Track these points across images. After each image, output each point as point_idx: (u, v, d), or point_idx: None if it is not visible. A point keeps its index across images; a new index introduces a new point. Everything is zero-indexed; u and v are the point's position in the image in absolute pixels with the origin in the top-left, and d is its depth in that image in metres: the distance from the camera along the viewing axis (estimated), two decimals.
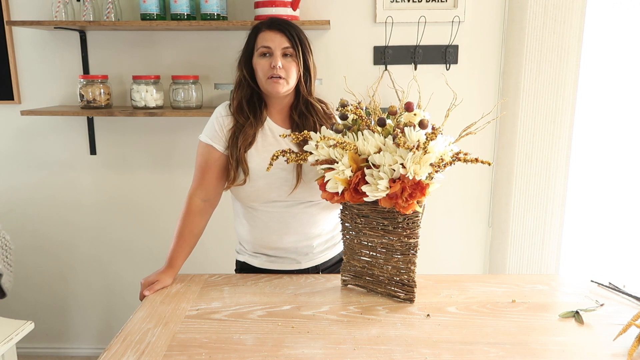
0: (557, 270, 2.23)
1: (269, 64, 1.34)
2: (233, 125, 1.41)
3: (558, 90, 2.06)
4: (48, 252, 2.40)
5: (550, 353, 1.03)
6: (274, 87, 1.35)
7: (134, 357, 1.01)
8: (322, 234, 1.48)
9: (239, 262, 1.56)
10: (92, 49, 2.17)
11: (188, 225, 1.45)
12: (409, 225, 1.20)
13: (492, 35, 2.13)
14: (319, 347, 1.05)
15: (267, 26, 1.38)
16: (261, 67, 1.36)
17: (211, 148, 1.41)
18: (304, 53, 1.38)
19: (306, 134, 1.23)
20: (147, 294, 1.33)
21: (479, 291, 1.31)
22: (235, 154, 1.37)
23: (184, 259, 1.44)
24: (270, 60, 1.35)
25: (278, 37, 1.35)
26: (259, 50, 1.37)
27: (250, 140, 1.38)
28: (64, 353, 2.50)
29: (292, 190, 1.38)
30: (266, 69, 1.35)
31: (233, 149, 1.38)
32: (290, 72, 1.36)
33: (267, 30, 1.37)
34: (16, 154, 2.30)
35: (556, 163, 2.12)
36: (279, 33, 1.36)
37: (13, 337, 1.61)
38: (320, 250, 1.50)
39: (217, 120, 1.42)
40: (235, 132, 1.39)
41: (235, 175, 1.38)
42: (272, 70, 1.34)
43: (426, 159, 1.12)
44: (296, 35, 1.37)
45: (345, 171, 1.17)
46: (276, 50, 1.35)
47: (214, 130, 1.42)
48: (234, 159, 1.37)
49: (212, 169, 1.42)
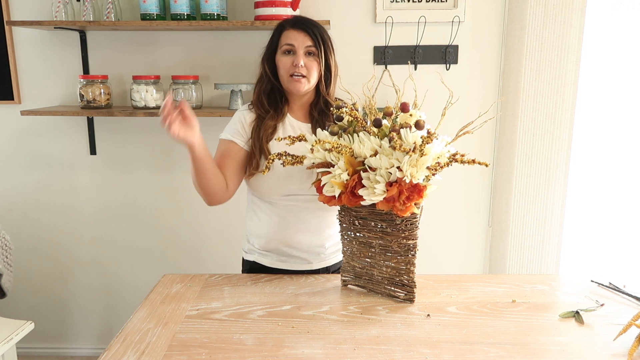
0: (557, 270, 2.23)
1: (292, 62, 1.37)
2: (254, 118, 1.44)
3: (558, 90, 2.06)
4: (48, 252, 2.40)
5: (550, 353, 1.03)
6: (295, 86, 1.38)
7: (134, 357, 1.01)
8: (335, 234, 1.48)
9: (248, 262, 1.55)
10: (92, 49, 2.17)
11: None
12: (407, 227, 1.20)
13: (492, 35, 2.13)
14: (319, 347, 1.05)
15: (292, 25, 1.41)
16: (283, 65, 1.39)
17: (231, 143, 1.43)
18: (326, 53, 1.41)
19: (301, 136, 1.23)
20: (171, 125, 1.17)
21: (479, 291, 1.31)
22: (258, 144, 1.40)
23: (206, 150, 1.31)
24: (293, 58, 1.38)
25: (302, 36, 1.38)
26: (283, 47, 1.40)
27: (270, 131, 1.41)
28: (64, 353, 2.50)
29: (312, 183, 1.37)
30: (288, 67, 1.38)
31: (256, 141, 1.40)
32: (311, 71, 1.39)
33: (291, 28, 1.40)
34: (16, 154, 2.30)
35: (556, 163, 2.12)
36: (302, 32, 1.39)
37: (13, 337, 1.62)
38: (332, 252, 1.51)
39: (238, 119, 1.45)
40: (257, 125, 1.42)
41: (257, 164, 1.40)
42: (294, 69, 1.37)
43: (423, 162, 1.11)
44: (319, 35, 1.40)
45: (342, 175, 1.17)
46: (299, 49, 1.38)
47: (235, 128, 1.44)
48: (257, 149, 1.40)
49: (229, 160, 1.42)
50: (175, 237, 2.36)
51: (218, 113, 2.01)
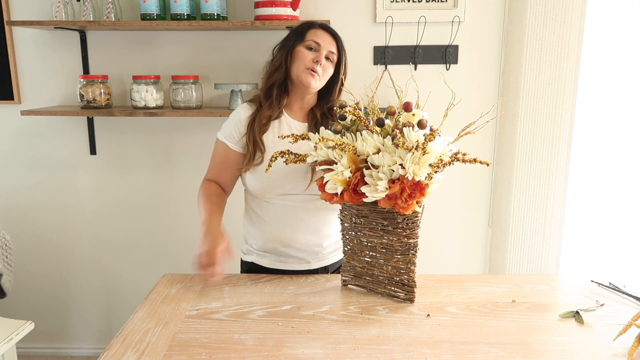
0: (557, 270, 2.23)
1: (313, 57, 1.40)
2: (252, 112, 1.45)
3: (558, 90, 2.06)
4: (48, 252, 2.40)
5: (550, 353, 1.03)
6: (308, 78, 1.40)
7: (134, 357, 1.01)
8: (333, 234, 1.49)
9: (246, 263, 1.55)
10: (92, 49, 2.17)
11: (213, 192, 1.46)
12: (408, 225, 1.20)
13: (492, 35, 2.13)
14: (319, 347, 1.05)
15: (321, 26, 1.45)
16: (304, 57, 1.41)
17: (227, 147, 1.45)
18: (344, 63, 1.47)
19: (305, 134, 1.24)
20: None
21: (479, 291, 1.31)
22: (252, 135, 1.42)
23: (221, 220, 1.40)
24: (316, 55, 1.41)
25: (329, 40, 1.43)
26: (307, 42, 1.42)
27: (265, 121, 1.42)
28: (64, 353, 2.50)
29: (309, 183, 1.39)
30: (308, 60, 1.40)
31: (250, 132, 1.42)
32: (325, 74, 1.43)
33: (320, 29, 1.44)
34: (16, 154, 2.30)
35: (556, 163, 2.12)
36: (330, 36, 1.44)
37: (13, 337, 1.62)
38: (330, 251, 1.51)
39: (234, 119, 1.46)
40: (254, 118, 1.44)
41: (251, 157, 1.41)
42: (314, 64, 1.40)
43: (425, 160, 1.12)
44: (342, 45, 1.46)
45: (344, 172, 1.17)
46: (323, 50, 1.41)
47: (229, 130, 1.46)
48: (251, 141, 1.41)
49: (227, 166, 1.48)
50: (175, 237, 2.36)
51: (218, 113, 2.01)
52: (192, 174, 2.25)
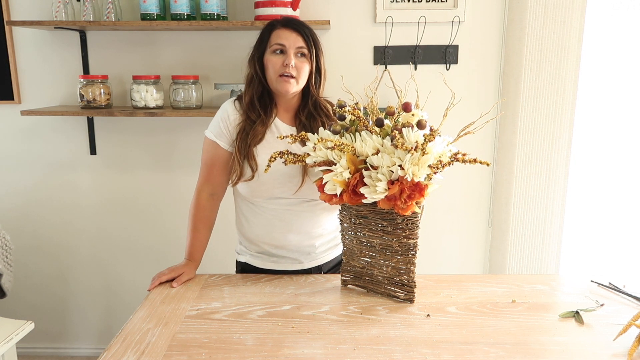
0: (557, 270, 2.23)
1: (282, 62, 1.33)
2: (241, 121, 1.40)
3: (558, 90, 2.06)
4: (48, 252, 2.40)
5: (550, 353, 1.03)
6: (284, 86, 1.34)
7: (134, 357, 1.01)
8: (325, 233, 1.48)
9: (240, 264, 1.55)
10: (92, 49, 2.17)
11: (201, 219, 1.47)
12: (408, 226, 1.20)
13: (492, 35, 2.13)
14: (319, 347, 1.05)
15: (283, 24, 1.37)
16: (273, 64, 1.35)
17: (216, 145, 1.42)
18: (317, 54, 1.37)
19: (304, 135, 1.23)
20: (175, 285, 1.35)
21: (479, 291, 1.31)
22: (243, 150, 1.37)
23: (203, 251, 1.47)
24: (283, 58, 1.34)
25: (293, 36, 1.34)
26: (273, 47, 1.35)
27: (260, 137, 1.38)
28: (64, 353, 2.50)
29: (298, 188, 1.38)
30: (278, 67, 1.34)
31: (241, 145, 1.37)
32: (301, 72, 1.35)
33: (282, 28, 1.36)
34: (16, 154, 2.30)
35: (556, 163, 2.12)
36: (294, 32, 1.35)
37: (13, 337, 1.62)
38: (323, 250, 1.50)
39: (222, 118, 1.42)
40: (245, 128, 1.39)
41: (241, 172, 1.38)
42: (284, 69, 1.33)
43: (424, 160, 1.12)
44: (311, 36, 1.37)
45: (344, 173, 1.17)
46: (290, 49, 1.34)
47: (218, 127, 1.42)
48: (242, 155, 1.37)
49: (218, 166, 1.44)
50: (175, 237, 2.36)
51: None
52: (192, 174, 2.23)
